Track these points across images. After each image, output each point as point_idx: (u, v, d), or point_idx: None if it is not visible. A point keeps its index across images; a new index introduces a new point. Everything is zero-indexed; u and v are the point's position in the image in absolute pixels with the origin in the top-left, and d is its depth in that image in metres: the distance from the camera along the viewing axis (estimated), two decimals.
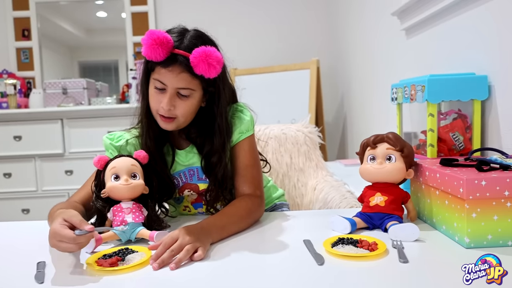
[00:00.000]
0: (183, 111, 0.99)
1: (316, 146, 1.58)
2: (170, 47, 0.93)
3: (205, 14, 3.35)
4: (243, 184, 1.06)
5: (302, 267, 0.74)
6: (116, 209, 0.92)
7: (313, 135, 1.58)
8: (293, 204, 1.52)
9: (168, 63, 0.94)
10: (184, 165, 1.09)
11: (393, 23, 1.88)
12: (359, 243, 0.80)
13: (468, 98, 1.17)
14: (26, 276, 0.74)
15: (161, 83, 0.97)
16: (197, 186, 1.10)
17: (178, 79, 0.95)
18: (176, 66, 0.94)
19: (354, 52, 2.75)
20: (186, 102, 0.98)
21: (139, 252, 0.81)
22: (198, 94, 1.00)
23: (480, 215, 0.77)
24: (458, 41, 1.36)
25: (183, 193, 1.11)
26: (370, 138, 0.97)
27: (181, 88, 0.97)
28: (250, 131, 1.08)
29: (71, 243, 0.76)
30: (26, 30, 3.41)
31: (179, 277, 0.72)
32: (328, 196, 1.37)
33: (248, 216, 0.99)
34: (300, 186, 1.52)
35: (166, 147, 1.09)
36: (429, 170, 0.90)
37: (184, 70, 0.94)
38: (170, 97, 0.97)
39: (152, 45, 0.92)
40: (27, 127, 2.96)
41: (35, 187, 2.99)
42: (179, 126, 1.02)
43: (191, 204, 1.14)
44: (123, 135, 1.10)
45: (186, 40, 0.96)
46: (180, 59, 0.94)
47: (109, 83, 3.57)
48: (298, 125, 1.61)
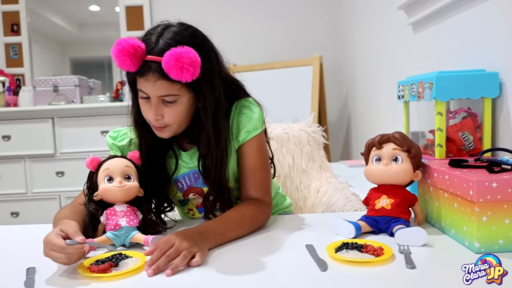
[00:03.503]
0: (172, 118, 0.96)
1: (319, 147, 1.58)
2: (140, 55, 0.90)
3: (202, 7, 3.35)
4: (250, 188, 1.04)
5: (304, 273, 0.74)
6: (110, 212, 0.92)
7: (316, 135, 1.58)
8: (295, 208, 1.52)
9: (142, 72, 0.91)
10: (188, 167, 1.08)
11: (400, 17, 1.88)
12: (364, 248, 0.80)
13: (478, 96, 1.17)
14: (15, 283, 0.74)
15: (144, 92, 0.95)
16: (202, 190, 1.09)
17: (156, 87, 0.92)
18: (150, 75, 0.91)
19: (359, 47, 2.75)
20: (173, 109, 0.95)
21: (133, 258, 0.81)
22: (185, 99, 0.96)
23: (491, 218, 0.77)
24: (467, 36, 1.36)
25: (188, 197, 1.11)
26: (376, 138, 0.97)
27: (162, 96, 0.93)
28: (259, 129, 1.05)
29: (61, 253, 0.76)
30: (15, 24, 3.41)
31: (175, 284, 0.72)
32: (332, 199, 1.37)
33: (251, 223, 0.97)
34: (303, 188, 1.52)
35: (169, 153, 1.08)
36: (438, 172, 0.90)
37: (160, 77, 0.90)
38: (155, 106, 0.94)
39: (119, 57, 0.89)
40: (16, 126, 2.96)
41: (25, 189, 2.99)
42: (175, 132, 1.01)
43: (195, 207, 1.13)
44: (128, 133, 1.08)
45: (160, 43, 0.92)
46: (153, 66, 0.90)
47: (102, 80, 3.57)
48: (301, 124, 1.60)
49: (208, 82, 0.95)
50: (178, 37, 0.93)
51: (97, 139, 2.93)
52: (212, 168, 1.00)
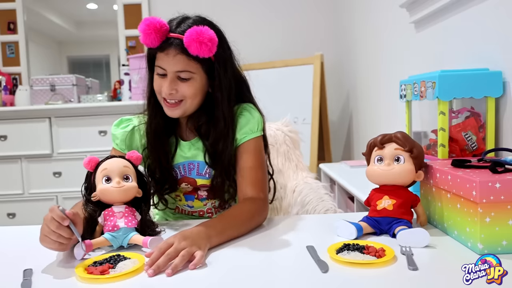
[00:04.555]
0: (186, 92, 1.04)
1: (296, 146, 1.57)
2: (164, 32, 1.00)
3: (202, 6, 3.33)
4: (246, 187, 1.07)
5: (305, 274, 0.74)
6: (108, 213, 0.92)
7: (293, 134, 1.57)
8: (271, 208, 1.50)
9: (164, 47, 1.01)
10: (185, 157, 1.14)
11: (402, 15, 1.88)
12: (366, 249, 0.80)
13: (481, 95, 1.17)
14: (12, 284, 0.74)
15: (161, 68, 1.03)
16: (195, 180, 1.14)
17: (174, 61, 1.01)
18: (171, 49, 1.01)
19: (360, 46, 2.76)
20: (187, 85, 1.04)
21: (131, 259, 0.81)
22: (199, 78, 1.04)
23: (494, 219, 0.77)
24: (471, 35, 1.36)
25: (180, 186, 1.15)
26: (378, 137, 0.97)
27: (179, 71, 1.02)
28: (256, 133, 1.11)
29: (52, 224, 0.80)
30: (11, 23, 3.41)
31: (175, 285, 0.72)
32: (305, 199, 1.38)
33: (250, 220, 0.99)
34: (279, 188, 1.51)
35: (171, 138, 1.14)
36: (440, 172, 0.90)
37: (180, 52, 1.00)
38: (171, 80, 1.03)
39: (146, 32, 0.99)
40: (13, 126, 2.96)
41: (22, 189, 2.99)
42: (185, 111, 1.07)
43: (183, 194, 1.17)
44: (132, 119, 1.16)
45: (182, 25, 1.02)
46: (175, 42, 1.00)
47: (100, 80, 3.57)
48: (278, 123, 1.60)
49: (222, 65, 1.05)
50: (198, 22, 1.04)
51: (94, 139, 2.94)
52: (223, 149, 1.07)
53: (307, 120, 2.92)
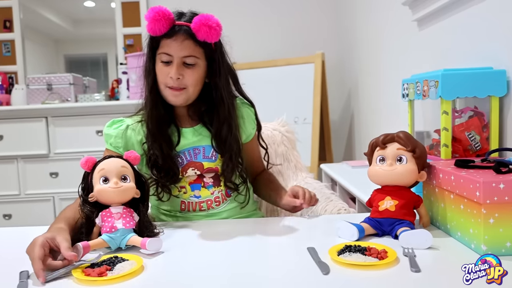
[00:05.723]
0: (191, 80, 1.11)
1: (294, 146, 1.57)
2: (172, 20, 1.07)
3: (202, 4, 3.34)
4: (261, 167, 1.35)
5: (306, 276, 0.74)
6: (105, 214, 0.92)
7: (290, 134, 1.57)
8: (272, 210, 1.49)
9: (171, 33, 1.08)
10: (189, 143, 1.18)
11: (404, 13, 1.88)
12: (368, 250, 0.80)
13: (485, 95, 1.17)
14: (8, 287, 0.74)
15: (167, 54, 1.09)
16: (202, 164, 1.18)
17: (182, 46, 1.08)
18: (179, 35, 1.08)
19: (362, 44, 2.76)
20: (193, 71, 1.10)
21: (129, 261, 0.81)
22: (202, 63, 1.12)
23: (498, 220, 0.77)
24: (474, 33, 1.36)
25: (187, 172, 1.17)
26: (380, 137, 0.97)
27: (186, 56, 1.09)
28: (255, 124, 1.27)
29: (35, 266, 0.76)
30: (7, 21, 3.41)
31: (175, 286, 0.72)
32: None
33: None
34: None
35: (171, 128, 1.18)
36: (443, 172, 0.90)
37: (187, 37, 1.08)
38: (177, 66, 1.09)
39: (156, 18, 1.05)
40: (9, 125, 2.96)
41: (18, 190, 2.99)
42: (188, 98, 1.13)
43: (188, 184, 1.18)
44: (124, 120, 1.19)
45: (184, 17, 1.10)
46: (183, 28, 1.08)
47: (98, 79, 3.57)
48: (274, 123, 1.59)
49: (221, 54, 1.15)
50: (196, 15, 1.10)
51: (92, 139, 2.93)
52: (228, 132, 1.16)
53: (307, 120, 2.92)
